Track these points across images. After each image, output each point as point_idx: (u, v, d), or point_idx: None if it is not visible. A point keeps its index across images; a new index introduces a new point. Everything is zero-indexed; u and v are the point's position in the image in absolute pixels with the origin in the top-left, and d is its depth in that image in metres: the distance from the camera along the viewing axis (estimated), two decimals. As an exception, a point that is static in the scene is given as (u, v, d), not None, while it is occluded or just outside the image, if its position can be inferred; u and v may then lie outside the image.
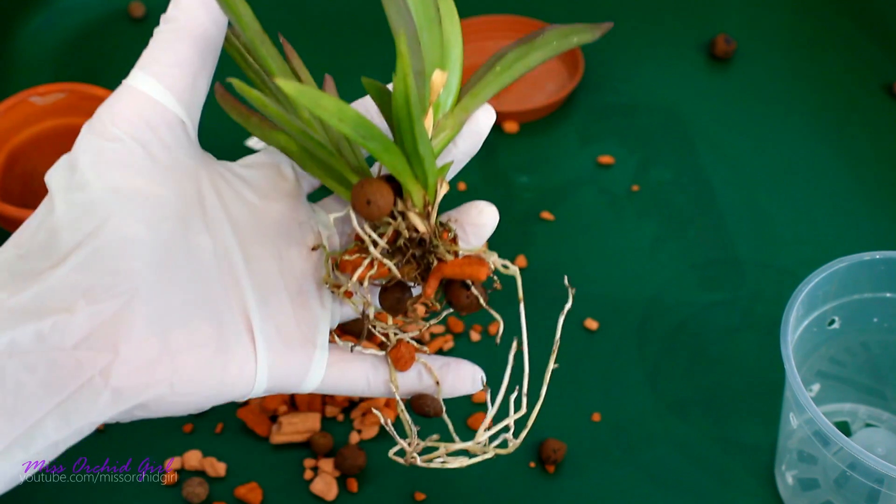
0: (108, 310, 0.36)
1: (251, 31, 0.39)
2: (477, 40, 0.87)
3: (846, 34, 0.87)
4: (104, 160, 0.38)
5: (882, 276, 0.57)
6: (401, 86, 0.36)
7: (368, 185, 0.39)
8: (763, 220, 0.73)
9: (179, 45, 0.40)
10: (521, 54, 0.43)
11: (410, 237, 0.40)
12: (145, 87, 0.39)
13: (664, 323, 0.67)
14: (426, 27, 0.41)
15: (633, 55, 0.86)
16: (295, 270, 0.42)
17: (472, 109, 0.43)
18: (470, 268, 0.40)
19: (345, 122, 0.35)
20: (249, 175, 0.42)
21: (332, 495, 0.59)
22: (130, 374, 0.37)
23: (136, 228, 0.37)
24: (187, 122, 0.40)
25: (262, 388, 0.41)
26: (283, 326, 0.41)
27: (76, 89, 0.71)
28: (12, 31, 0.88)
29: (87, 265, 0.36)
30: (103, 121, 0.39)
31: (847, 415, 0.61)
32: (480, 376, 0.45)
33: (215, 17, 0.40)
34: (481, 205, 0.43)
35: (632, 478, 0.60)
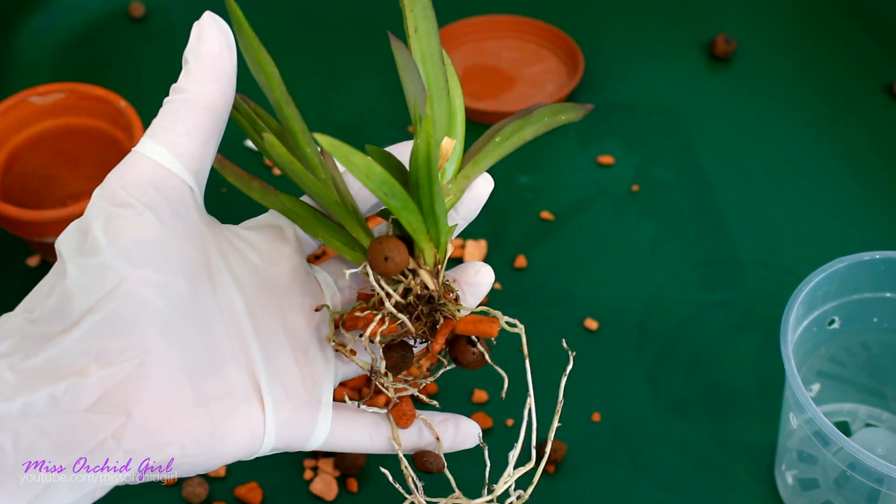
0: (121, 373, 0.37)
1: (279, 92, 0.40)
2: (477, 40, 0.87)
3: (846, 34, 0.87)
4: (115, 225, 0.39)
5: (882, 276, 0.57)
6: (424, 148, 0.37)
7: (387, 243, 0.40)
8: (763, 220, 0.73)
9: (189, 115, 0.41)
10: (517, 128, 0.46)
11: (420, 294, 0.42)
12: (156, 155, 0.40)
13: (664, 323, 0.67)
14: (436, 96, 0.43)
15: (633, 55, 0.86)
16: (299, 330, 0.43)
17: (473, 177, 0.45)
18: (483, 325, 0.42)
19: (371, 179, 0.37)
20: (253, 238, 0.43)
21: (331, 495, 0.59)
22: (142, 436, 0.37)
23: (148, 293, 0.38)
24: (195, 188, 0.41)
25: (270, 447, 0.42)
26: (289, 386, 0.42)
27: (76, 89, 0.71)
28: (12, 31, 0.88)
29: (99, 329, 0.37)
30: (114, 187, 0.40)
31: (847, 415, 0.62)
32: (478, 432, 0.46)
33: (225, 88, 0.41)
34: (478, 265, 0.45)
35: (632, 478, 0.60)
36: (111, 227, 0.38)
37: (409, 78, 0.40)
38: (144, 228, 0.39)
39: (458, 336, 0.42)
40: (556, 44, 0.85)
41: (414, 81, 0.40)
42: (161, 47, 0.87)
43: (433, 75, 0.43)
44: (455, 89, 0.45)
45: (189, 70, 0.41)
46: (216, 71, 0.41)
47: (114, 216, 0.39)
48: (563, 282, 0.70)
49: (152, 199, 0.39)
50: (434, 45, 0.43)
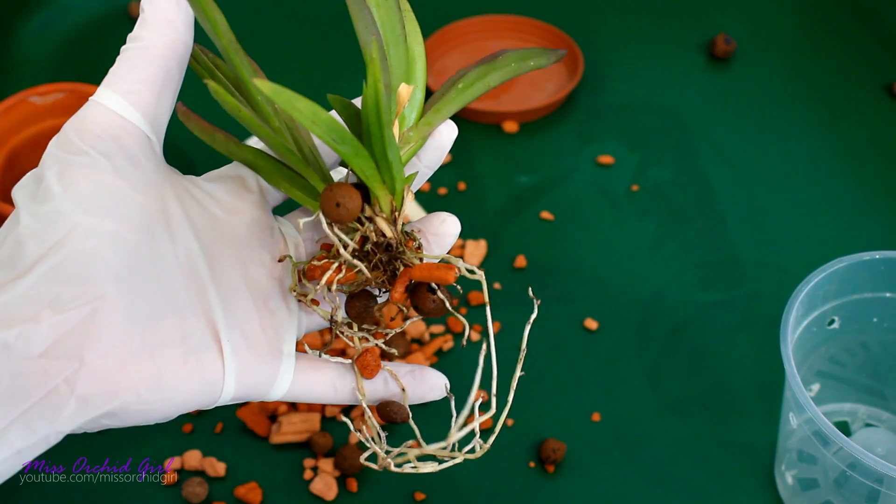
0: (73, 319, 0.37)
1: (226, 40, 0.40)
2: (477, 40, 0.87)
3: (846, 34, 0.87)
4: (69, 173, 0.39)
5: (882, 276, 0.57)
6: (371, 92, 0.37)
7: (338, 189, 0.40)
8: (763, 220, 0.73)
9: (145, 63, 0.41)
10: (482, 74, 0.45)
11: (378, 242, 0.41)
12: (111, 104, 0.40)
13: (664, 323, 0.67)
14: (393, 43, 0.43)
15: (633, 55, 0.86)
16: (261, 280, 0.43)
17: (436, 124, 0.44)
18: (438, 271, 0.41)
19: (318, 125, 0.37)
20: (214, 189, 0.43)
21: (331, 495, 0.59)
22: (96, 382, 0.37)
23: (101, 239, 0.38)
24: (153, 137, 0.41)
25: (230, 396, 0.41)
26: (250, 335, 0.41)
27: (76, 89, 0.71)
28: (12, 31, 0.88)
29: (52, 275, 0.37)
30: (69, 136, 0.40)
31: (847, 415, 0.62)
32: (445, 383, 0.45)
33: (181, 35, 0.41)
34: (443, 215, 0.45)
35: (632, 478, 0.60)
36: (65, 175, 0.38)
37: (363, 24, 0.40)
38: (99, 176, 0.39)
39: (418, 284, 0.42)
40: (556, 44, 0.85)
41: (367, 26, 0.40)
42: (161, 47, 0.87)
43: (388, 20, 0.43)
44: (414, 35, 0.44)
45: (144, 18, 0.41)
46: (170, 19, 0.41)
47: (68, 164, 0.39)
48: (563, 282, 0.70)
49: (108, 148, 0.39)
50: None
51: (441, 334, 0.66)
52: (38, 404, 0.36)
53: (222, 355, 0.40)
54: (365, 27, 0.40)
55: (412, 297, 0.42)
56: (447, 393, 0.45)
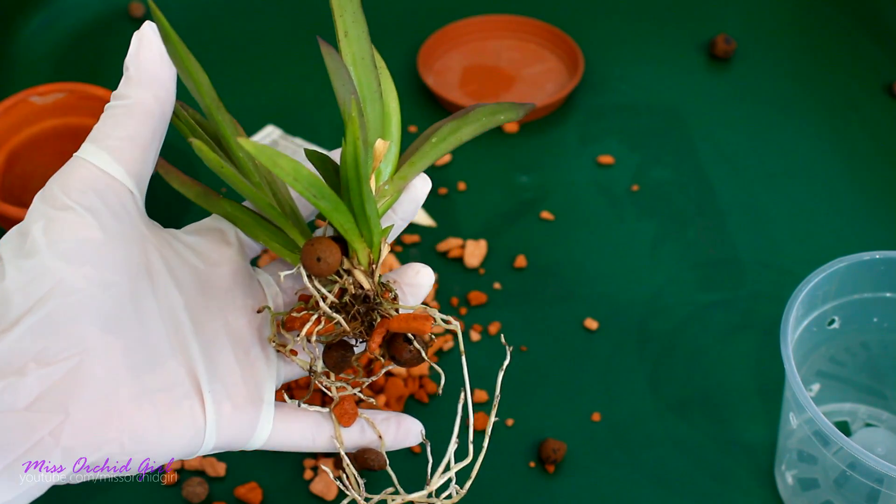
0: (59, 371, 0.37)
1: (209, 98, 0.41)
2: (477, 40, 0.87)
3: (846, 34, 0.87)
4: (54, 227, 0.39)
5: (882, 276, 0.57)
6: (351, 149, 0.38)
7: (319, 244, 0.41)
8: (763, 220, 0.73)
9: (129, 120, 0.42)
10: (454, 129, 0.46)
11: (356, 294, 0.42)
12: (96, 160, 0.41)
13: (664, 323, 0.67)
14: (369, 99, 0.44)
15: (633, 55, 0.86)
16: (241, 331, 0.44)
17: (411, 178, 0.45)
18: (415, 322, 0.42)
19: (299, 181, 0.38)
20: (194, 241, 0.44)
21: (331, 495, 0.59)
22: (81, 434, 0.38)
23: (86, 293, 0.39)
24: (135, 192, 0.42)
25: (211, 446, 0.42)
26: (230, 386, 0.42)
27: (76, 89, 0.71)
28: (12, 31, 0.88)
29: (37, 329, 0.38)
30: (54, 191, 0.40)
31: (847, 415, 0.62)
32: (420, 430, 0.46)
33: (166, 93, 0.42)
34: (417, 266, 0.46)
35: (632, 478, 0.60)
36: (50, 230, 0.39)
37: (340, 82, 0.41)
38: (84, 231, 0.39)
39: (395, 335, 0.43)
40: (556, 44, 0.85)
41: (345, 85, 0.41)
42: (161, 47, 0.87)
43: (365, 79, 0.44)
44: (389, 92, 0.46)
45: (129, 77, 0.42)
46: (155, 78, 0.42)
47: (53, 219, 0.39)
48: (563, 282, 0.70)
49: (92, 203, 0.40)
50: (365, 49, 0.44)
51: (441, 335, 0.66)
52: (22, 456, 0.37)
53: (204, 406, 0.41)
54: (342, 85, 0.41)
55: (389, 347, 0.43)
56: (423, 440, 0.46)
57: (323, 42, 0.40)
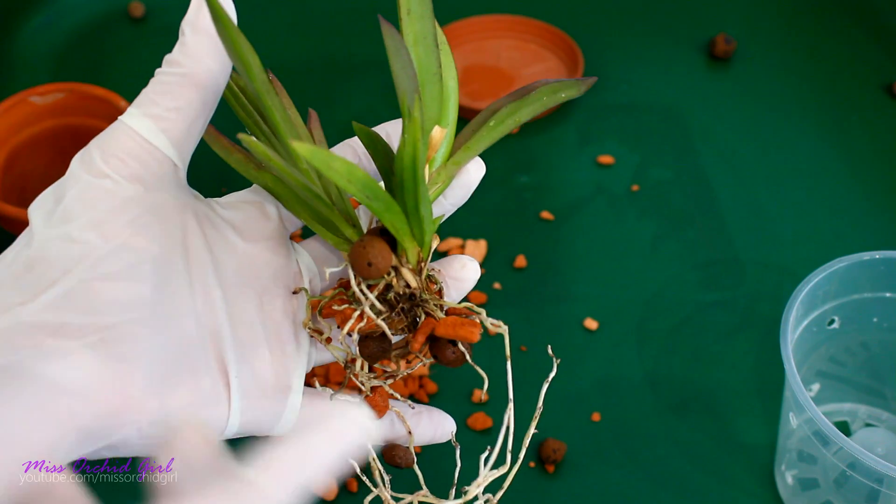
0: (78, 349, 0.36)
1: (258, 82, 0.38)
2: (477, 40, 0.87)
3: (846, 34, 0.87)
4: (90, 196, 0.37)
5: (882, 276, 0.57)
6: (410, 150, 0.36)
7: (371, 247, 0.39)
8: (763, 220, 0.73)
9: (182, 90, 0.39)
10: (513, 110, 0.44)
11: (401, 292, 0.41)
12: (140, 128, 0.39)
13: (664, 323, 0.67)
14: (428, 82, 0.42)
15: (633, 55, 0.86)
16: (275, 313, 0.42)
17: (465, 163, 0.43)
18: (463, 329, 0.41)
19: (353, 183, 0.36)
20: (233, 216, 0.42)
21: (331, 495, 0.59)
22: (98, 415, 0.36)
23: (114, 268, 0.37)
24: (178, 164, 0.40)
25: (234, 432, 0.40)
26: (258, 370, 0.40)
27: (76, 89, 0.71)
28: (12, 31, 0.88)
29: (60, 303, 0.36)
30: (93, 156, 0.38)
31: (847, 415, 0.61)
32: (452, 428, 0.45)
33: (222, 65, 0.40)
34: (464, 259, 0.43)
35: (632, 478, 0.60)
36: (85, 198, 0.37)
37: (400, 64, 0.39)
38: (119, 201, 0.38)
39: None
40: (556, 44, 0.85)
41: (405, 68, 0.39)
42: (161, 47, 0.86)
43: (425, 60, 0.41)
44: (448, 70, 0.43)
45: (185, 43, 0.39)
46: (213, 48, 0.39)
47: (90, 186, 0.38)
48: (563, 282, 0.70)
49: (133, 172, 0.38)
50: (428, 28, 0.41)
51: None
52: None
53: (229, 391, 0.39)
54: (402, 68, 0.39)
55: (432, 347, 0.42)
56: (453, 441, 0.45)
57: (384, 21, 0.38)
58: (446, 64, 0.43)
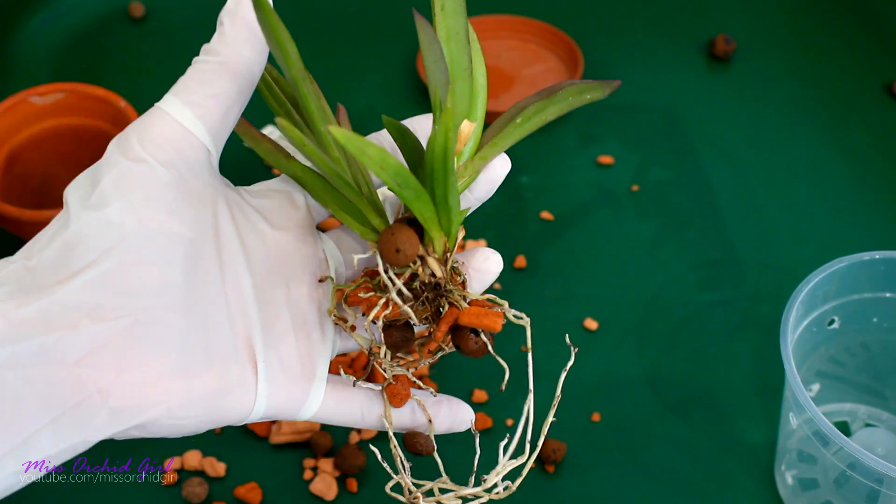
0: (112, 330, 0.37)
1: (296, 70, 0.39)
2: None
3: (846, 34, 0.87)
4: (127, 180, 0.38)
5: (882, 276, 0.57)
6: (442, 139, 0.37)
7: (399, 233, 0.40)
8: (763, 220, 0.73)
9: (219, 78, 0.40)
10: (540, 108, 0.45)
11: (427, 280, 0.41)
12: (178, 114, 0.40)
13: (664, 323, 0.67)
14: (459, 76, 0.42)
15: (633, 55, 0.86)
16: (301, 300, 0.43)
17: (490, 158, 0.44)
18: (487, 318, 0.41)
19: (385, 171, 0.37)
20: (263, 204, 0.43)
21: (331, 495, 0.59)
22: (129, 394, 0.37)
23: (149, 252, 0.38)
24: (212, 151, 0.41)
25: (259, 415, 0.41)
26: (285, 356, 0.42)
27: (76, 89, 0.71)
28: (12, 31, 0.88)
29: (96, 284, 0.37)
30: (131, 141, 0.39)
31: (847, 415, 0.62)
32: (472, 417, 0.46)
33: (259, 55, 0.41)
34: (488, 252, 0.44)
35: (632, 478, 0.60)
36: (122, 183, 0.38)
37: (432, 58, 0.39)
38: (155, 188, 0.38)
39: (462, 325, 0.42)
40: (556, 44, 0.85)
41: (437, 62, 0.39)
42: (161, 47, 0.87)
43: (457, 55, 0.42)
44: (478, 67, 0.44)
45: (223, 32, 0.40)
46: (251, 37, 0.40)
47: (127, 171, 0.38)
48: (563, 282, 0.70)
49: (168, 157, 0.39)
50: (461, 24, 0.42)
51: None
52: (69, 412, 0.36)
53: (256, 376, 0.40)
54: (434, 62, 0.39)
55: (454, 336, 0.42)
56: (472, 428, 0.45)
57: (418, 15, 0.39)
58: (477, 60, 0.44)
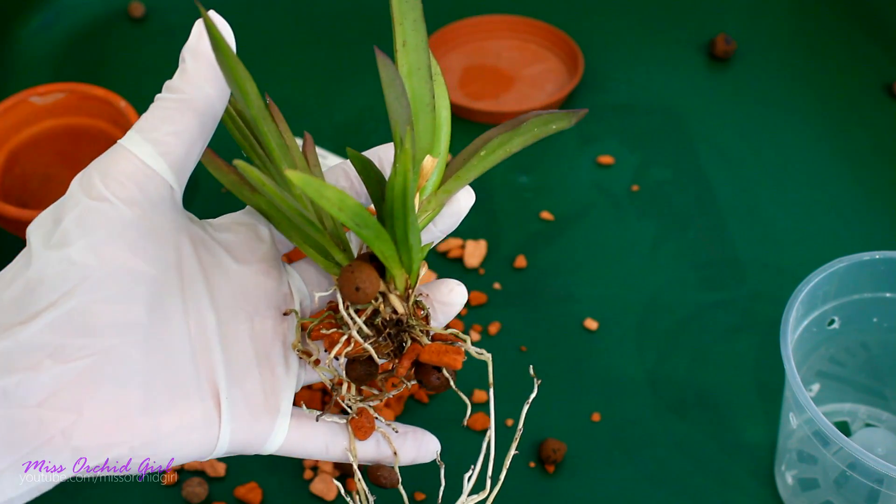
0: (75, 370, 0.37)
1: (255, 109, 0.40)
2: (477, 40, 0.87)
3: (846, 34, 0.87)
4: (89, 219, 0.38)
5: (882, 276, 0.57)
6: (400, 180, 0.37)
7: (359, 272, 0.40)
8: (763, 220, 0.73)
9: (180, 115, 0.40)
10: (504, 140, 0.45)
11: (388, 317, 0.42)
12: (140, 151, 0.40)
13: (664, 323, 0.67)
14: (421, 112, 0.43)
15: (633, 55, 0.86)
16: (265, 335, 0.43)
17: (454, 191, 0.44)
18: (447, 356, 0.42)
19: (344, 212, 0.37)
20: (227, 238, 0.43)
21: (331, 495, 0.59)
22: (92, 435, 0.37)
23: (112, 290, 0.38)
24: (176, 188, 0.41)
25: (223, 451, 0.41)
26: (249, 392, 0.42)
27: (76, 89, 0.71)
28: (12, 31, 0.88)
29: (58, 324, 0.37)
30: (93, 179, 0.39)
31: (847, 415, 0.62)
32: (437, 448, 0.46)
33: (220, 92, 0.41)
34: (452, 283, 0.44)
35: (632, 478, 0.60)
36: (84, 220, 0.38)
37: (394, 95, 0.39)
38: (118, 224, 0.38)
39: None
40: (556, 44, 0.85)
41: (399, 98, 0.39)
42: (161, 47, 0.87)
43: (419, 90, 0.43)
44: (441, 100, 0.44)
45: (185, 70, 0.40)
46: (213, 74, 0.40)
47: (89, 210, 0.38)
48: (563, 282, 0.70)
49: (132, 195, 0.39)
50: (423, 59, 0.42)
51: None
52: (31, 454, 0.36)
53: (220, 412, 0.40)
54: (396, 99, 0.40)
55: (417, 372, 0.43)
56: (437, 460, 0.46)
57: (379, 52, 0.39)
58: (440, 94, 0.44)
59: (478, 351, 0.43)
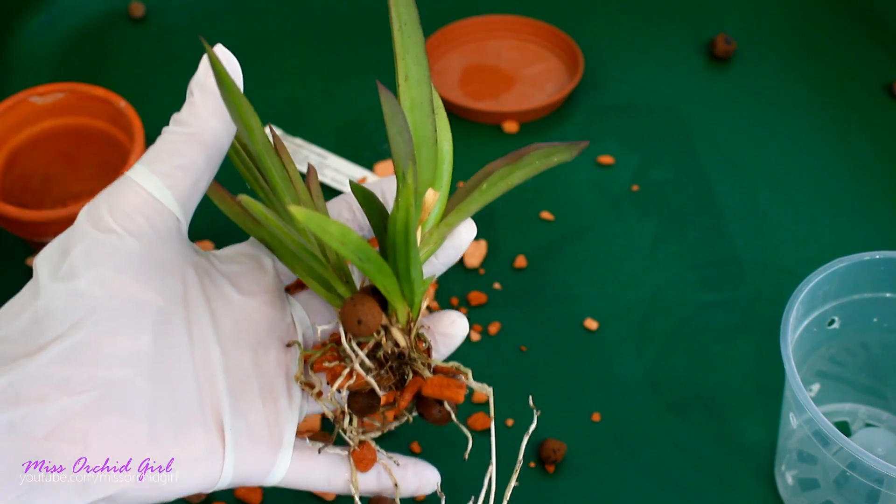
0: (81, 402, 0.37)
1: (259, 145, 0.40)
2: (477, 40, 0.87)
3: (846, 34, 0.87)
4: (96, 251, 0.38)
5: (882, 276, 0.57)
6: (403, 215, 0.37)
7: (361, 305, 0.40)
8: (763, 220, 0.73)
9: (188, 149, 0.41)
10: (506, 174, 0.45)
11: (390, 350, 0.42)
12: (147, 184, 0.40)
13: (664, 323, 0.67)
14: (423, 145, 0.43)
15: (633, 55, 0.86)
16: (269, 366, 0.43)
17: (456, 224, 0.44)
18: (449, 390, 0.42)
19: (346, 246, 0.37)
20: (231, 270, 0.44)
21: (331, 496, 0.59)
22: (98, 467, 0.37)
23: (119, 322, 0.38)
24: (182, 220, 0.41)
25: (227, 483, 0.42)
26: (252, 424, 0.42)
27: (76, 89, 0.71)
28: (12, 31, 0.88)
29: (65, 357, 0.37)
30: (101, 211, 0.39)
31: (847, 415, 0.62)
32: (437, 480, 0.46)
33: (227, 126, 0.41)
34: (454, 315, 0.45)
35: (632, 478, 0.60)
36: (92, 253, 0.38)
37: (396, 129, 0.40)
38: (125, 256, 0.39)
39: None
40: (556, 44, 0.85)
41: (401, 132, 0.40)
42: (161, 47, 0.87)
43: (421, 124, 0.43)
44: (443, 133, 0.44)
45: (193, 104, 0.41)
46: (220, 109, 0.41)
47: (96, 242, 0.39)
48: (563, 282, 0.70)
49: (139, 227, 0.39)
50: (425, 93, 0.43)
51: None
52: (38, 486, 0.36)
53: (223, 445, 0.41)
54: (398, 132, 0.40)
55: (419, 405, 0.43)
56: (438, 492, 0.46)
57: (382, 87, 0.39)
58: (442, 127, 0.44)
59: (479, 385, 0.43)
